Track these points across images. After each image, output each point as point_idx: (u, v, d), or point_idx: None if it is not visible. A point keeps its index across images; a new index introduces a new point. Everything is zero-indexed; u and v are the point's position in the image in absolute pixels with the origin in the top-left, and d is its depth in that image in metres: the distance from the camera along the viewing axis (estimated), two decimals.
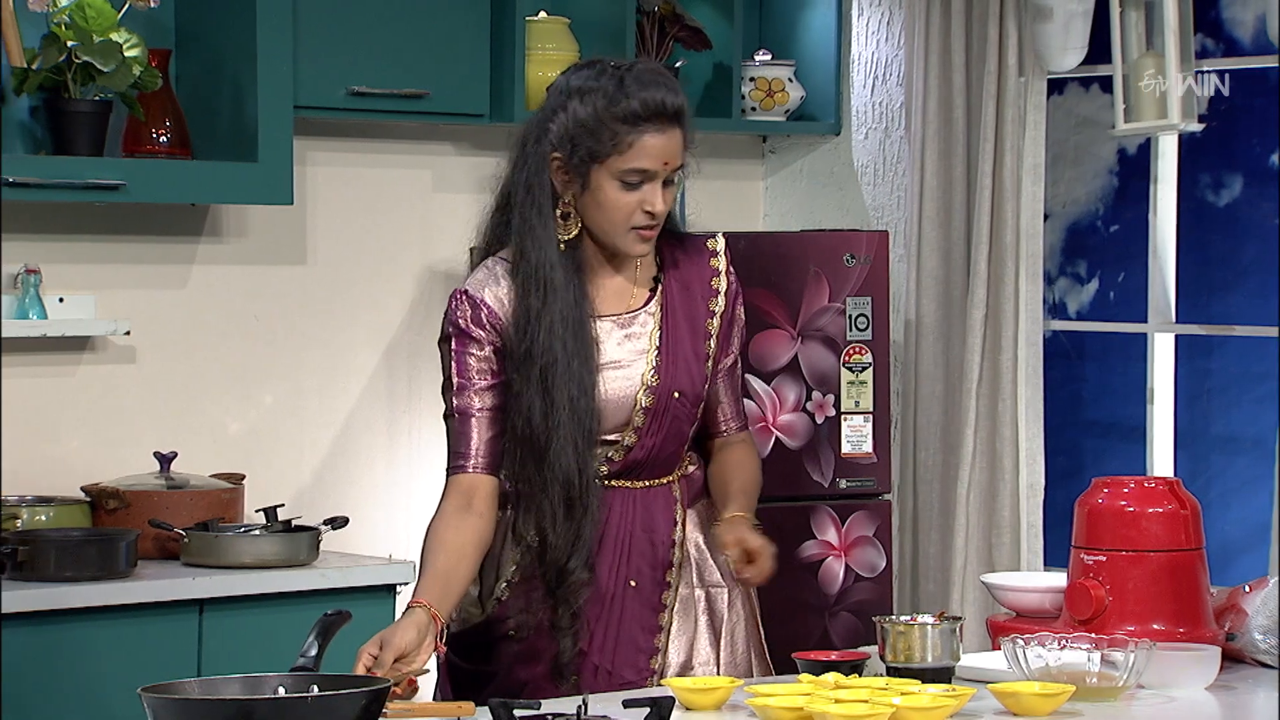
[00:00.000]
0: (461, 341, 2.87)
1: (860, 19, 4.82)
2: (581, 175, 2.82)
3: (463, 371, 2.86)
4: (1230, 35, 4.43)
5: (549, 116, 2.85)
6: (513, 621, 2.88)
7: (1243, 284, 4.49)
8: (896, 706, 2.42)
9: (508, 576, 2.90)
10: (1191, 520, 2.85)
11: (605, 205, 2.82)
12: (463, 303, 2.89)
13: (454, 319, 2.88)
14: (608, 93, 2.81)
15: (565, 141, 2.82)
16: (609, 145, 2.80)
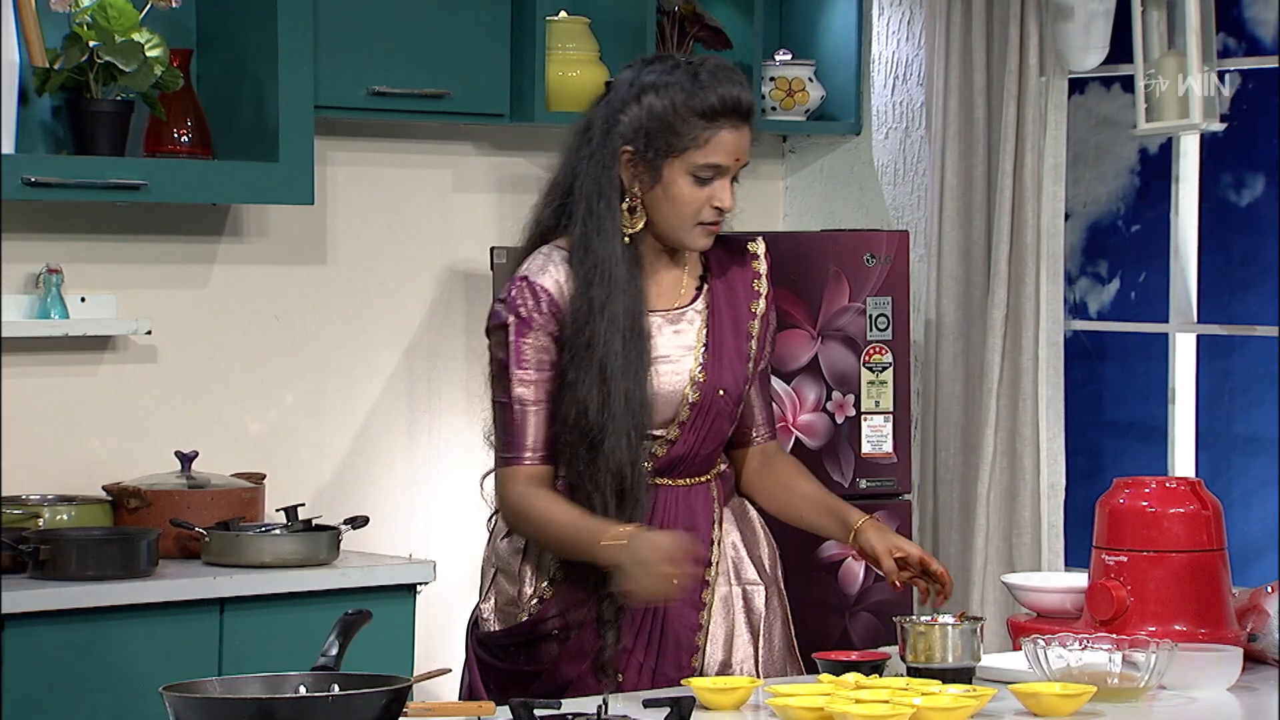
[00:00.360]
0: (521, 329, 2.85)
1: (880, 18, 4.82)
2: (654, 169, 2.84)
3: (521, 360, 2.85)
4: (1252, 34, 4.41)
5: (618, 110, 2.86)
6: (557, 621, 2.88)
7: (1264, 284, 4.47)
8: (917, 707, 2.41)
9: (550, 574, 2.90)
10: (1213, 520, 2.85)
11: (676, 199, 2.85)
12: (524, 289, 2.86)
13: (515, 305, 2.86)
14: (684, 87, 2.83)
15: (639, 135, 2.84)
16: (687, 140, 2.83)
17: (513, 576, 2.92)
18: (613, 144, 2.84)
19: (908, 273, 4.46)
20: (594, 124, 2.88)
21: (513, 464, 2.86)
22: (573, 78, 4.49)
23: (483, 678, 2.94)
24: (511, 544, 2.94)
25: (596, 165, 2.85)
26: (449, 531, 4.54)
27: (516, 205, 4.64)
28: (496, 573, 2.96)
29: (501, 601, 2.93)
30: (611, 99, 2.88)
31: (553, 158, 4.62)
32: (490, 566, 2.98)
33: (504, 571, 2.94)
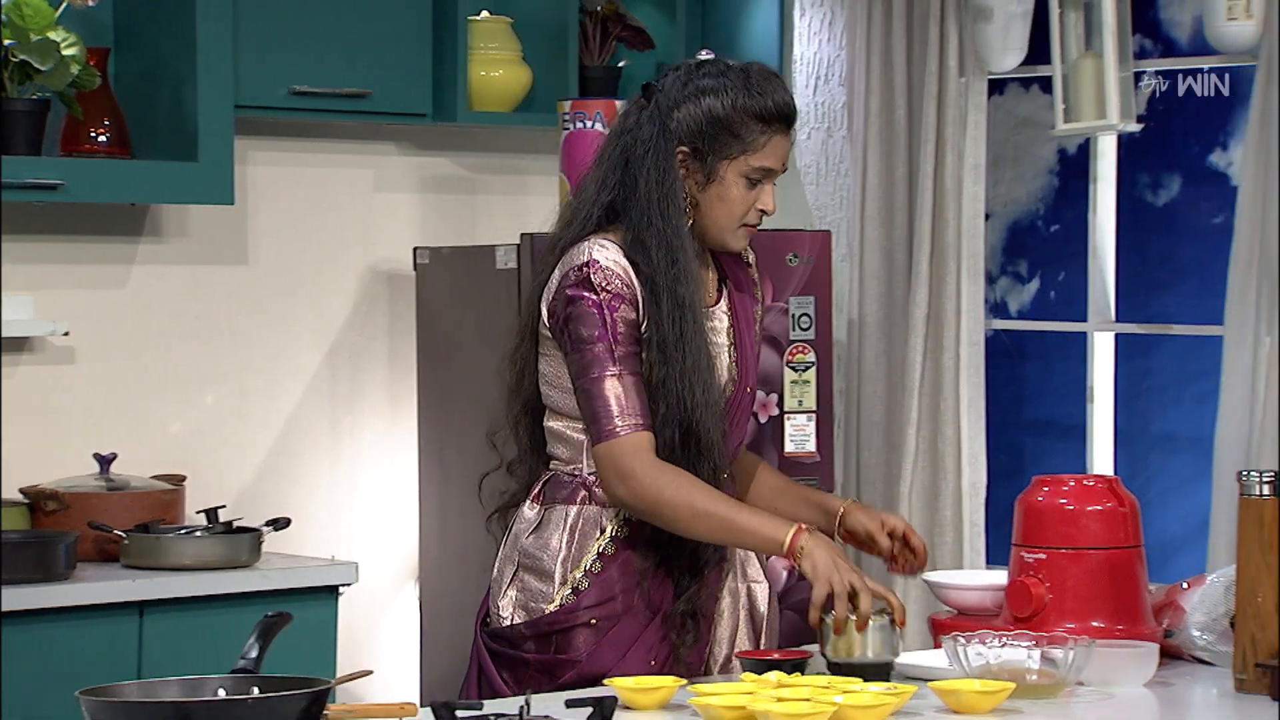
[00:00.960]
0: (612, 305, 2.85)
1: (802, 19, 4.84)
2: (708, 169, 2.89)
3: (617, 335, 2.84)
4: (1168, 36, 4.46)
5: (670, 109, 2.89)
6: (594, 611, 2.88)
7: (1181, 283, 4.52)
8: (839, 705, 2.42)
9: (587, 566, 2.90)
10: (1130, 518, 2.87)
11: (728, 200, 2.90)
12: (600, 272, 2.85)
13: (598, 283, 2.85)
14: (741, 90, 2.88)
15: (696, 135, 2.88)
16: (746, 142, 2.88)
17: (541, 573, 2.91)
18: (670, 144, 2.88)
19: (830, 272, 4.48)
20: (643, 124, 2.90)
21: (629, 431, 2.82)
22: (495, 77, 4.48)
23: (497, 670, 2.91)
24: (537, 538, 2.93)
25: (657, 166, 2.88)
26: (372, 533, 4.53)
27: (440, 205, 4.63)
28: (519, 569, 2.93)
29: (525, 597, 2.91)
30: (661, 99, 2.91)
31: (475, 157, 4.68)
32: (509, 564, 2.94)
33: (529, 569, 2.92)
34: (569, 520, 2.91)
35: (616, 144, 2.92)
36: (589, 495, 2.90)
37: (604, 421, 2.82)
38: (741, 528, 2.81)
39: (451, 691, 4.18)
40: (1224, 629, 2.81)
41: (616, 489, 2.83)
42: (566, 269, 2.88)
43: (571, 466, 2.92)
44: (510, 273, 4.16)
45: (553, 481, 2.93)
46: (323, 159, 4.48)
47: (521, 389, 2.95)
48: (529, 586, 2.91)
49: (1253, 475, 2.68)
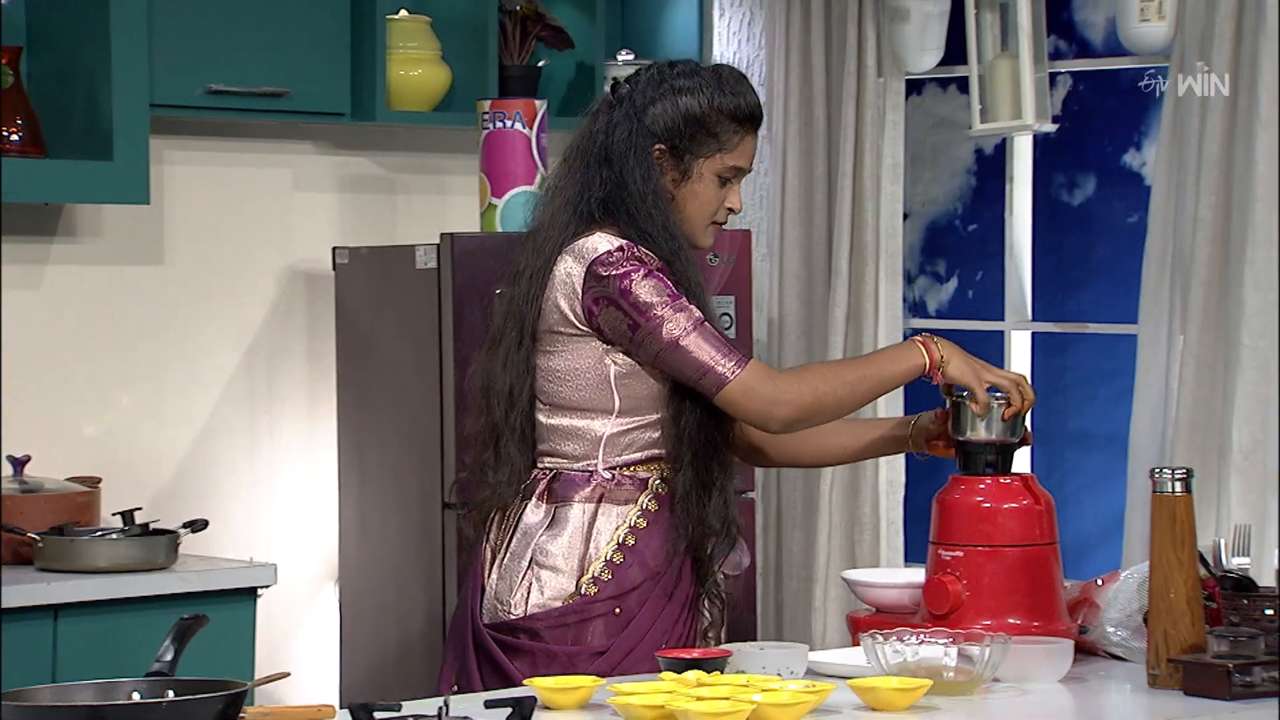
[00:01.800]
0: (664, 270, 2.88)
1: (721, 19, 4.85)
2: (684, 167, 2.94)
3: (679, 291, 2.88)
4: (1082, 37, 4.50)
5: (643, 109, 2.93)
6: (616, 601, 2.89)
7: (1096, 282, 4.56)
8: (757, 704, 2.43)
9: (608, 557, 2.91)
10: (1045, 515, 2.90)
11: (700, 198, 2.95)
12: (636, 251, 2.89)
13: (640, 257, 2.88)
14: (716, 90, 2.94)
15: (673, 133, 2.93)
16: (721, 141, 2.93)
17: (557, 568, 2.91)
18: (646, 141, 2.92)
19: (750, 272, 4.49)
20: (616, 123, 2.94)
21: (745, 363, 2.86)
22: (414, 77, 4.47)
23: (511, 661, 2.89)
24: (551, 535, 2.92)
25: (640, 163, 2.92)
26: (291, 534, 4.50)
27: (358, 205, 4.61)
28: (532, 565, 2.92)
29: (540, 591, 2.91)
30: (635, 98, 2.94)
31: (395, 156, 4.66)
32: (519, 560, 2.93)
33: (545, 565, 2.92)
34: (585, 516, 2.92)
35: (590, 144, 2.95)
36: (603, 491, 2.92)
37: (717, 369, 2.86)
38: (888, 375, 2.92)
39: (372, 692, 4.17)
40: (1138, 625, 2.83)
41: (773, 414, 2.87)
42: (592, 258, 2.88)
43: (583, 463, 2.93)
44: (430, 272, 4.15)
45: (560, 480, 2.93)
46: (240, 158, 4.45)
47: (518, 393, 2.94)
48: (545, 581, 2.91)
49: (1165, 472, 2.71)
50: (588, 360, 2.91)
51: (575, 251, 2.90)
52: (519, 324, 2.94)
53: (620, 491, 2.92)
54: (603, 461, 2.92)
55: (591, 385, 2.91)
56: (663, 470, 2.93)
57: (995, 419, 2.90)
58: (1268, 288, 3.83)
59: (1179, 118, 4.00)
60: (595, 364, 2.91)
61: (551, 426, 2.94)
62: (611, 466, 2.92)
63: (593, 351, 2.91)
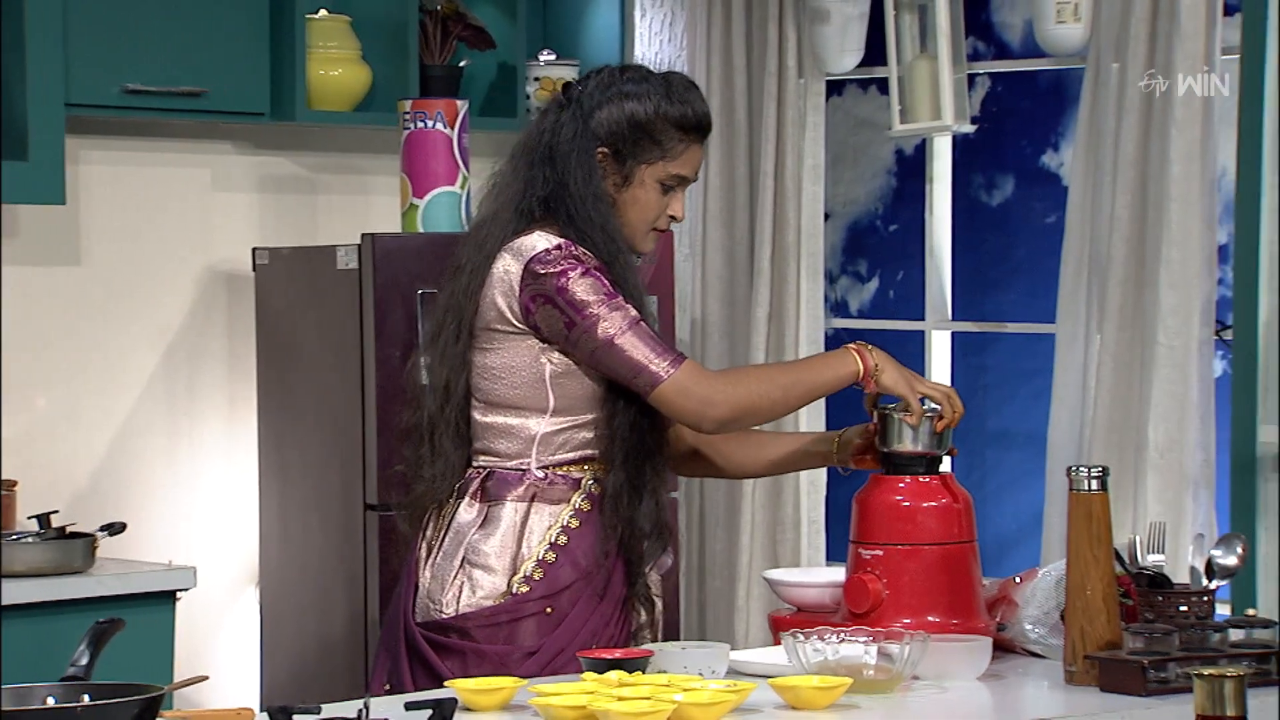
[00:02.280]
0: (601, 268, 2.88)
1: (643, 20, 4.85)
2: (626, 172, 2.95)
3: (616, 290, 2.88)
4: (1000, 38, 4.53)
5: (589, 112, 2.94)
6: (548, 600, 2.89)
7: (1015, 282, 4.60)
8: (678, 703, 2.43)
9: (540, 556, 2.90)
10: (964, 514, 2.92)
11: (641, 204, 2.96)
12: (575, 249, 2.89)
13: (578, 255, 2.88)
14: (663, 97, 2.95)
15: (617, 137, 2.94)
16: (665, 148, 2.95)
17: (490, 567, 2.91)
18: (590, 144, 2.93)
19: (672, 272, 4.50)
20: (563, 124, 2.95)
21: (681, 361, 2.87)
22: (334, 76, 4.45)
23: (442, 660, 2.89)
24: (483, 534, 2.92)
25: (582, 165, 2.93)
26: (211, 536, 4.47)
27: (279, 205, 4.59)
28: (464, 564, 2.92)
29: (472, 591, 2.91)
30: (583, 100, 2.96)
31: (315, 156, 4.64)
32: (452, 560, 2.93)
33: (477, 564, 2.92)
34: (518, 515, 2.92)
35: (538, 142, 2.96)
36: (536, 490, 2.92)
37: (651, 368, 2.86)
38: (821, 380, 2.93)
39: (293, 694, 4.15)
40: (1055, 622, 2.86)
41: (706, 414, 2.87)
42: (530, 256, 2.89)
43: (516, 462, 2.93)
44: (351, 273, 4.13)
45: (494, 479, 2.94)
46: (158, 158, 4.41)
47: (454, 386, 2.95)
48: (476, 580, 2.91)
49: (1082, 470, 2.73)
50: (524, 358, 2.91)
51: (514, 249, 2.91)
52: (457, 319, 2.95)
53: (553, 491, 2.92)
54: (536, 460, 2.92)
55: (527, 384, 2.91)
56: (596, 470, 2.94)
57: (925, 431, 2.92)
58: (1183, 287, 3.87)
59: (1095, 119, 4.03)
60: (531, 362, 2.91)
61: (486, 424, 2.94)
62: (544, 465, 2.93)
63: (529, 350, 2.91)
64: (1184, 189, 3.87)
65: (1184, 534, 3.80)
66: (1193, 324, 3.88)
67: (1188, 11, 3.84)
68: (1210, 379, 3.91)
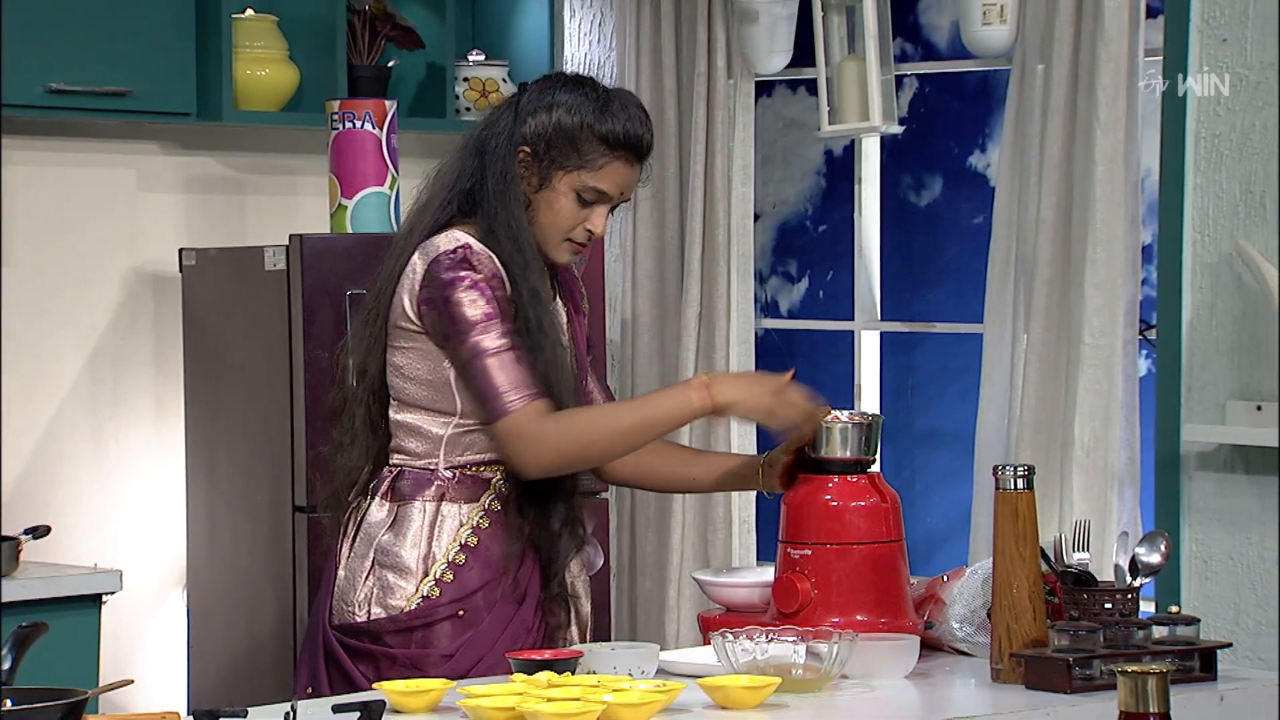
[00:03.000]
0: (492, 285, 2.87)
1: (572, 21, 4.85)
2: (544, 176, 2.94)
3: (502, 312, 2.86)
4: (928, 40, 4.56)
5: (526, 115, 2.95)
6: (460, 603, 2.88)
7: (943, 282, 4.62)
8: (607, 704, 2.43)
9: (450, 558, 2.90)
10: (892, 513, 2.93)
11: (555, 211, 2.94)
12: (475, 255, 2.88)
13: (482, 264, 2.87)
14: (595, 110, 2.94)
15: (540, 140, 2.93)
16: (584, 158, 2.93)
17: (400, 569, 2.90)
18: (515, 143, 2.94)
19: (603, 272, 4.50)
20: (500, 120, 2.96)
21: (526, 402, 2.84)
22: (261, 76, 4.42)
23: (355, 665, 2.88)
24: (393, 535, 2.91)
25: (500, 160, 2.93)
26: (138, 539, 4.44)
27: (206, 206, 4.56)
28: (374, 566, 2.92)
29: (384, 593, 2.90)
30: (522, 102, 2.97)
31: (242, 157, 4.61)
32: (363, 561, 2.92)
33: (387, 565, 2.91)
34: (426, 516, 2.91)
35: (477, 136, 2.98)
36: (445, 490, 2.92)
37: (499, 396, 2.85)
38: (659, 420, 2.88)
39: (220, 698, 4.12)
40: (982, 620, 2.87)
41: (532, 456, 2.86)
42: (434, 255, 2.89)
43: (424, 461, 2.93)
44: (279, 274, 4.11)
45: (403, 478, 2.93)
46: (83, 159, 4.38)
47: (369, 367, 2.95)
48: (387, 582, 2.90)
49: (1008, 469, 2.75)
50: (429, 361, 2.92)
51: (424, 248, 2.92)
52: (377, 304, 2.95)
53: (461, 490, 2.92)
54: (444, 460, 2.92)
55: (433, 385, 2.92)
56: (506, 470, 2.93)
57: (855, 436, 2.91)
58: (1108, 287, 3.90)
59: (1021, 120, 4.06)
60: (436, 365, 2.91)
61: (399, 423, 2.95)
62: (453, 466, 2.92)
63: (431, 351, 2.92)
64: (1108, 190, 3.90)
65: (1109, 532, 3.83)
66: (1118, 324, 3.91)
67: (1111, 14, 3.87)
68: (1135, 378, 3.95)
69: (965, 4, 4.07)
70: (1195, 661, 2.77)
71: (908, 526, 2.97)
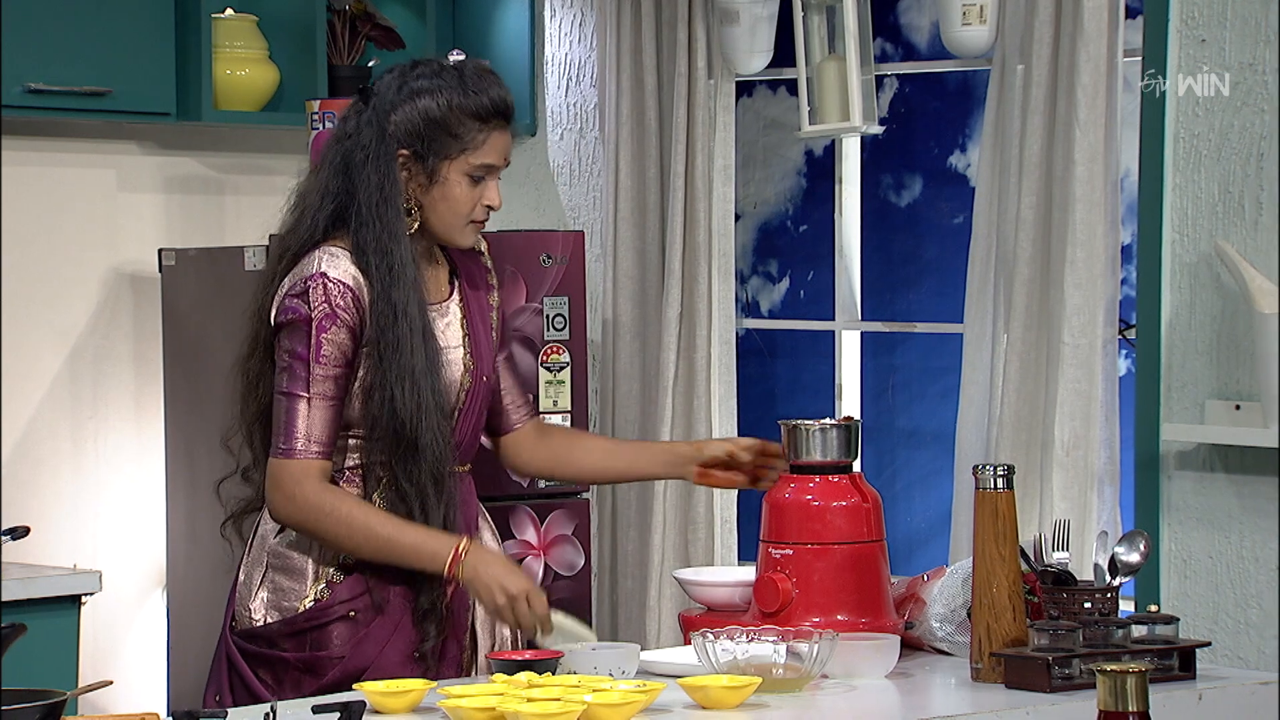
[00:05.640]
0: (323, 325, 2.86)
1: (553, 21, 4.85)
2: (429, 171, 2.92)
3: (320, 356, 2.86)
4: (908, 40, 4.56)
5: (387, 113, 2.91)
6: (351, 604, 2.88)
7: (923, 282, 4.62)
8: (588, 704, 2.43)
9: (341, 559, 2.90)
10: (873, 513, 2.93)
11: (452, 199, 2.94)
12: (323, 286, 2.87)
13: (321, 300, 2.86)
14: (456, 90, 2.92)
15: (415, 138, 2.91)
16: (465, 141, 2.92)
17: (291, 571, 2.91)
18: (389, 147, 2.90)
19: (584, 272, 4.50)
20: (361, 128, 2.93)
21: (305, 457, 2.85)
22: (241, 76, 4.42)
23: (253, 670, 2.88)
24: (285, 538, 2.93)
25: (377, 170, 2.90)
26: (118, 540, 4.43)
27: (185, 206, 4.55)
28: (268, 570, 2.93)
29: (278, 597, 2.91)
30: (377, 103, 2.93)
31: (222, 157, 4.60)
32: (258, 567, 2.94)
33: (279, 569, 2.92)
34: None
35: (338, 150, 2.95)
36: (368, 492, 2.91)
37: (286, 439, 2.85)
38: (404, 546, 2.85)
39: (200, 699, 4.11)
40: (962, 620, 2.88)
41: (281, 505, 2.87)
42: (295, 279, 2.90)
43: None
44: (259, 274, 4.10)
45: None
46: (62, 159, 4.37)
47: (255, 397, 2.95)
48: (281, 586, 2.91)
49: (988, 469, 2.75)
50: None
51: (297, 269, 2.91)
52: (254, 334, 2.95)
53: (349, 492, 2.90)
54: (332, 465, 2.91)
55: None
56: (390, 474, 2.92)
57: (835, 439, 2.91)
58: (1088, 287, 3.91)
59: (1001, 120, 4.06)
60: None
61: None
62: (338, 469, 2.92)
63: None
64: (1088, 190, 3.90)
65: (1089, 531, 3.84)
66: (1097, 323, 3.92)
67: (1090, 14, 3.87)
68: (1115, 378, 3.95)
69: (945, 4, 4.08)
70: (1174, 660, 2.78)
71: (888, 526, 2.98)
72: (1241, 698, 2.74)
